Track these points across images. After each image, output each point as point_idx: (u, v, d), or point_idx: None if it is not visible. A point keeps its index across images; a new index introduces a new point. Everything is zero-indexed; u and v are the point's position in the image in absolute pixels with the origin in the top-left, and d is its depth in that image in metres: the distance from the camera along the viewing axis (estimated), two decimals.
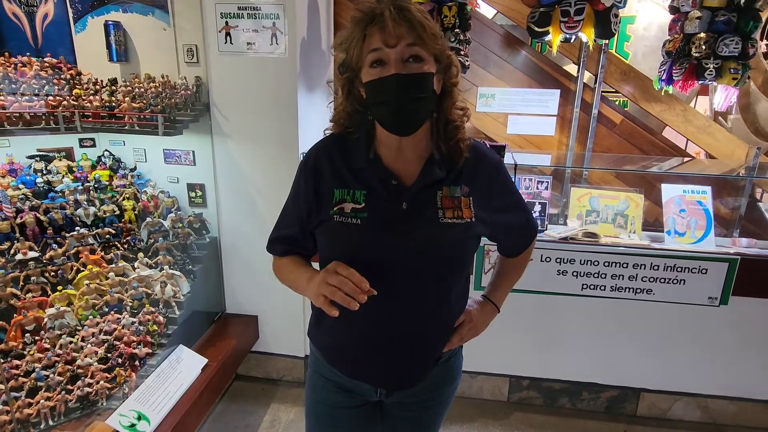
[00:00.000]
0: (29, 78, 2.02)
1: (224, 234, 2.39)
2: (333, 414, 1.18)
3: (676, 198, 2.25)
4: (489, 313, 1.22)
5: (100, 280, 1.95)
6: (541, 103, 2.74)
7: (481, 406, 2.41)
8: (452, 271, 1.05)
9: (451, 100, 1.00)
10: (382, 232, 0.98)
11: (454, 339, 1.13)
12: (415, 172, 1.00)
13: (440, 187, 1.00)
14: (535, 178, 2.54)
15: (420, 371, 1.11)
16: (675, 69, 2.36)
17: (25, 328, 1.74)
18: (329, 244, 1.04)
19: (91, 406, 1.64)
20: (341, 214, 0.98)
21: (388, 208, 0.98)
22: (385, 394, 1.14)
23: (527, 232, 1.20)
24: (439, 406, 1.21)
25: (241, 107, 2.18)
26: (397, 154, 1.01)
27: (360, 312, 0.89)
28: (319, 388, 1.18)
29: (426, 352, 1.10)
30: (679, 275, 2.10)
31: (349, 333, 1.07)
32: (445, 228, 0.98)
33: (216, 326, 2.37)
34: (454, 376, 1.20)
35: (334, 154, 1.03)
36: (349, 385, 1.14)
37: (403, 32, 0.89)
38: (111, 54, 2.18)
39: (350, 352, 1.10)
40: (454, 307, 1.10)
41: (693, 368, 2.26)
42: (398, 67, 0.90)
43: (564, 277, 2.18)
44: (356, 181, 1.00)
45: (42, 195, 2.03)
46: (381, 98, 0.93)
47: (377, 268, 0.95)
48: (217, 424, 2.26)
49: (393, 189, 0.99)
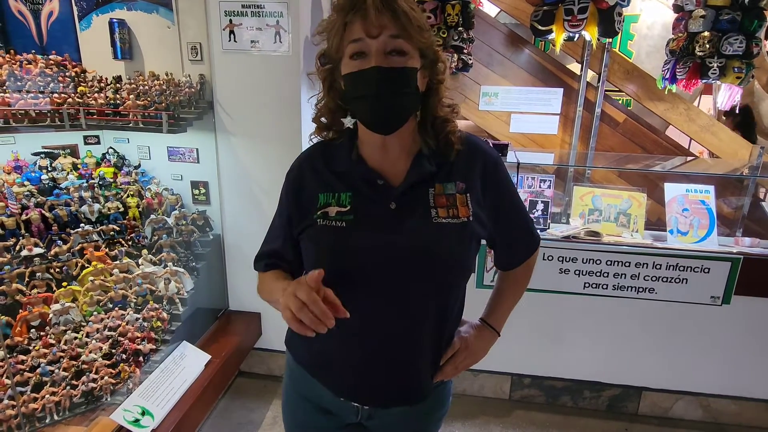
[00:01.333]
0: (34, 75, 2.03)
1: (227, 231, 2.40)
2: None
3: (679, 197, 2.25)
4: (487, 338, 1.09)
5: (104, 277, 1.96)
6: (544, 101, 2.74)
7: (482, 404, 2.41)
8: (448, 276, 0.94)
9: (437, 98, 0.92)
10: (369, 235, 0.90)
11: (448, 369, 1.02)
12: (404, 170, 0.93)
13: (432, 184, 0.92)
14: (538, 177, 2.54)
15: (411, 388, 1.00)
16: (678, 68, 2.36)
17: (30, 323, 1.75)
18: (314, 249, 0.95)
19: (95, 401, 1.65)
20: (325, 218, 0.92)
21: (375, 209, 0.91)
22: (367, 416, 1.03)
23: (528, 241, 1.08)
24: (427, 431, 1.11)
25: (245, 105, 2.19)
26: (381, 153, 0.93)
27: (345, 323, 0.80)
28: (299, 411, 1.09)
29: (418, 367, 0.98)
30: (681, 274, 2.10)
31: (333, 344, 0.96)
32: (438, 228, 0.90)
33: (219, 323, 2.38)
34: (443, 401, 1.10)
35: (316, 161, 0.98)
36: (330, 406, 1.04)
37: (387, 22, 0.82)
38: (115, 52, 2.19)
39: (335, 365, 1.00)
40: (450, 317, 1.00)
41: (695, 367, 2.26)
42: (379, 59, 0.83)
43: (566, 276, 2.18)
44: (341, 183, 0.94)
45: (47, 192, 2.04)
46: (360, 92, 0.86)
47: (364, 274, 0.90)
48: (220, 420, 2.27)
49: (380, 189, 0.92)
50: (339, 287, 0.83)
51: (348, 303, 0.82)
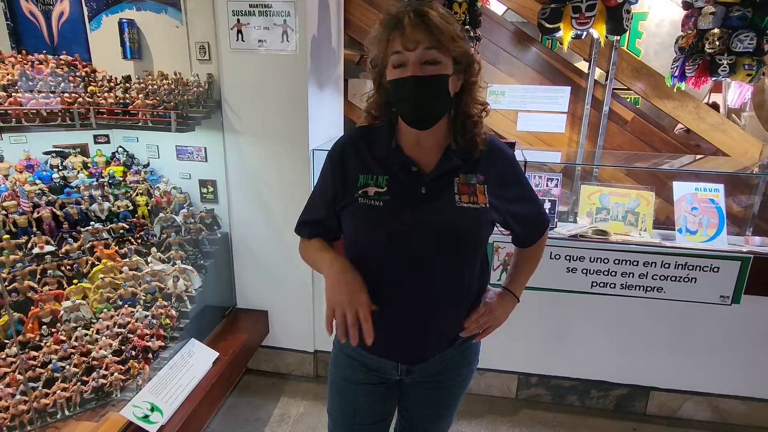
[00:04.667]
0: (45, 75, 2.05)
1: (235, 230, 2.42)
2: (354, 389, 1.26)
3: (688, 196, 2.23)
4: (508, 302, 1.26)
5: (114, 274, 1.98)
6: (551, 100, 2.73)
7: (489, 403, 2.41)
8: (467, 251, 1.11)
9: (470, 96, 1.07)
10: (402, 214, 1.05)
11: (471, 325, 1.18)
12: (434, 161, 1.09)
13: (457, 174, 1.08)
14: (545, 176, 2.53)
15: (436, 345, 1.18)
16: (688, 65, 2.33)
17: (42, 320, 1.78)
18: (354, 223, 1.12)
19: (105, 397, 1.67)
20: (365, 197, 1.07)
21: (408, 192, 1.07)
22: (405, 371, 1.21)
23: (539, 224, 1.25)
24: (454, 387, 1.27)
25: (252, 104, 2.20)
26: (416, 144, 1.09)
27: (380, 290, 1.05)
28: (342, 365, 1.26)
29: (441, 326, 1.16)
30: (690, 273, 2.09)
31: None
32: (461, 211, 1.06)
33: (227, 321, 2.40)
34: (470, 359, 1.27)
35: (359, 144, 1.13)
36: (371, 363, 1.21)
37: (421, 36, 0.96)
38: (125, 51, 2.21)
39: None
40: (468, 285, 1.15)
41: (704, 367, 2.25)
42: (415, 69, 0.98)
43: (573, 275, 2.17)
44: (379, 167, 1.09)
45: (58, 190, 2.07)
46: (400, 96, 1.02)
47: (397, 247, 1.07)
48: (227, 417, 2.29)
49: (413, 175, 1.08)
50: (375, 258, 1.08)
51: (382, 272, 1.08)
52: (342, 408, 1.30)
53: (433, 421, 1.33)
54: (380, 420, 1.31)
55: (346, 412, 1.30)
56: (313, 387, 2.51)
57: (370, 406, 1.27)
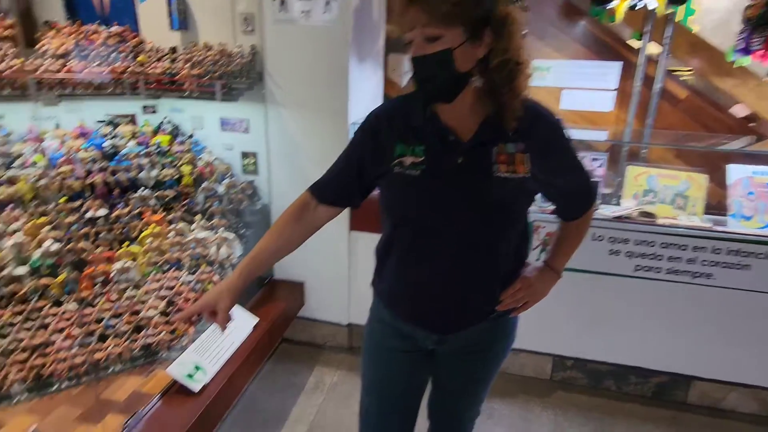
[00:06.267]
0: (98, 46, 2.12)
1: (274, 201, 2.46)
2: (387, 356, 1.26)
3: (744, 179, 2.12)
4: (549, 278, 1.23)
5: (161, 240, 2.05)
6: (599, 76, 2.61)
7: (523, 383, 2.40)
8: (504, 222, 1.09)
9: (497, 59, 0.95)
10: (438, 184, 1.04)
11: (507, 298, 1.15)
12: (472, 129, 1.04)
13: (495, 143, 1.03)
14: (590, 155, 2.45)
15: (469, 317, 1.16)
16: (754, 38, 2.18)
17: (95, 280, 1.87)
18: (389, 194, 1.11)
19: (153, 355, 1.75)
20: (401, 166, 1.05)
21: (445, 161, 1.04)
22: (438, 341, 1.19)
23: (585, 196, 1.19)
24: (487, 361, 1.25)
25: (294, 76, 2.21)
26: (454, 113, 1.05)
27: (416, 259, 1.07)
28: (377, 332, 1.27)
29: (475, 298, 1.14)
30: (743, 260, 1.99)
31: (406, 279, 1.15)
32: (499, 181, 1.02)
33: (265, 290, 2.46)
34: (507, 333, 1.24)
35: (395, 113, 1.10)
36: (405, 331, 1.20)
37: (415, 15, 0.91)
38: (172, 22, 2.25)
39: (406, 296, 1.17)
40: (505, 257, 1.12)
41: (752, 358, 2.15)
42: (416, 49, 0.95)
43: (616, 257, 2.11)
44: (415, 137, 1.06)
45: (109, 158, 2.15)
46: (412, 75, 1.00)
47: (433, 218, 1.05)
48: (265, 381, 2.37)
49: (450, 144, 1.04)
50: (410, 228, 1.08)
51: (417, 242, 1.08)
52: (375, 376, 1.30)
53: (464, 394, 1.31)
54: (412, 390, 1.30)
55: (380, 379, 1.29)
56: (347, 358, 2.56)
57: (403, 374, 1.26)
